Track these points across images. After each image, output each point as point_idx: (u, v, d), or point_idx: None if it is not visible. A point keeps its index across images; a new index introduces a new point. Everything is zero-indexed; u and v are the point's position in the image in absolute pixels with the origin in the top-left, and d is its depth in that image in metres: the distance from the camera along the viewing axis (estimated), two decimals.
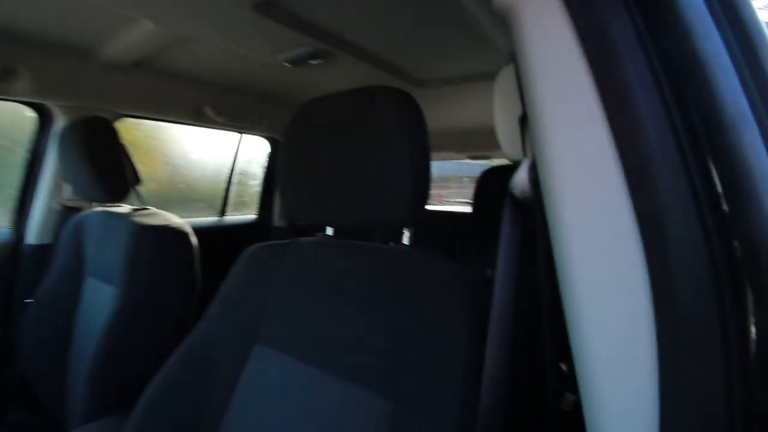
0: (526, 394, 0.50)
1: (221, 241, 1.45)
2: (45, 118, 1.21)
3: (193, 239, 0.92)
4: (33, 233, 1.22)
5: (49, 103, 1.16)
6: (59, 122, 1.19)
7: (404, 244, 0.55)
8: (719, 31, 0.24)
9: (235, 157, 1.77)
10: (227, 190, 1.80)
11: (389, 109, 0.49)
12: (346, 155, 0.53)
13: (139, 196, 0.98)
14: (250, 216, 1.95)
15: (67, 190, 1.24)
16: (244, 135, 1.78)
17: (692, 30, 0.23)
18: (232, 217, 1.88)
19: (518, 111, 0.32)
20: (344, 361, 0.51)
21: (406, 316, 0.47)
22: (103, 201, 0.96)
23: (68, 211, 1.23)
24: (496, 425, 0.34)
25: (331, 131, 0.54)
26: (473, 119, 1.69)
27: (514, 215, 0.33)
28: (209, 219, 1.79)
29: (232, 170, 1.79)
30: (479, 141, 1.90)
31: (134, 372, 0.77)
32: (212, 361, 0.61)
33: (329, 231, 0.65)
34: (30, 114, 1.19)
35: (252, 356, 0.60)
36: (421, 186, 0.49)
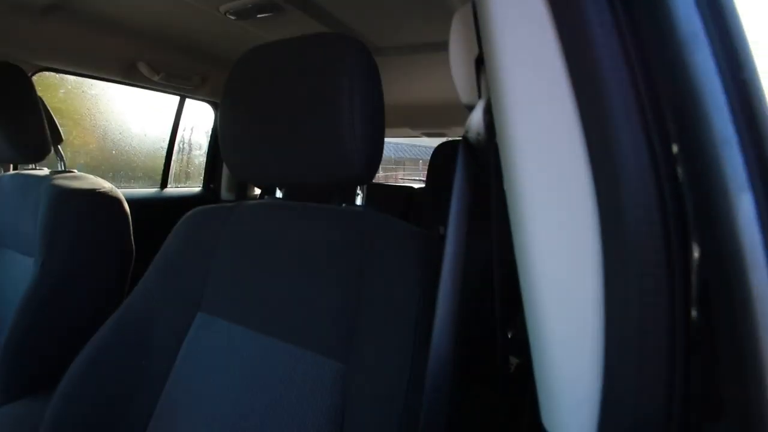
0: (473, 357, 0.51)
1: (162, 214, 1.34)
2: None
3: (125, 206, 0.84)
4: None
5: None
6: None
7: (357, 205, 0.53)
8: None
9: (176, 122, 1.63)
10: (168, 159, 1.66)
11: (342, 57, 0.46)
12: (293, 107, 0.49)
13: (60, 157, 0.87)
14: (195, 189, 1.83)
15: None
16: (186, 100, 1.64)
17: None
18: (175, 190, 1.75)
19: (475, 53, 0.31)
20: (294, 326, 0.49)
21: (359, 277, 0.46)
22: (17, 162, 0.84)
23: None
24: (445, 384, 0.34)
25: (277, 81, 0.50)
26: (428, 93, 1.67)
27: (467, 160, 0.32)
28: (148, 191, 1.65)
29: (172, 137, 1.65)
30: (435, 117, 1.90)
31: (57, 349, 0.70)
32: (147, 331, 0.56)
33: (278, 194, 0.62)
34: None
35: (193, 325, 0.56)
36: (376, 140, 0.47)
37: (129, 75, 1.26)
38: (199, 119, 1.81)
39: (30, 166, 0.96)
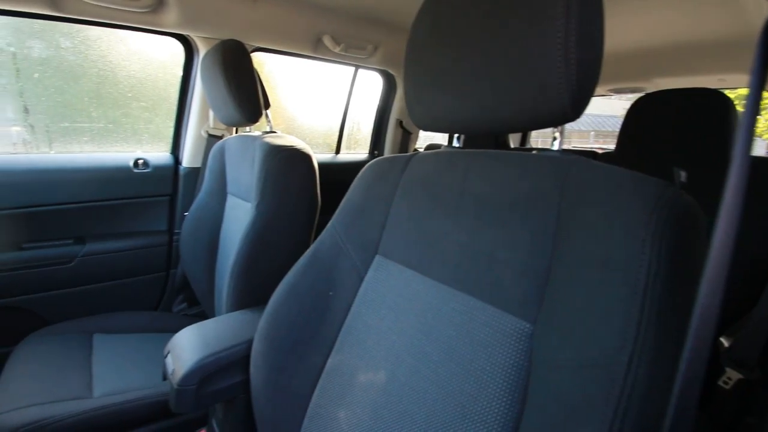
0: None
1: (336, 176, 1.51)
2: (190, 52, 1.34)
3: (315, 163, 0.95)
4: (186, 158, 1.42)
5: (192, 36, 1.27)
6: (201, 54, 1.31)
7: (554, 150, 0.46)
8: None
9: (350, 92, 1.78)
10: (342, 127, 1.84)
11: None
12: (486, 42, 0.44)
13: (268, 120, 1.04)
14: (362, 155, 1.98)
15: (210, 122, 1.40)
16: (358, 71, 1.77)
17: None
18: (345, 155, 1.93)
19: None
20: (474, 278, 0.46)
21: (557, 231, 0.40)
22: (239, 124, 1.04)
23: (211, 139, 1.39)
24: (700, 375, 0.26)
25: (468, 16, 0.46)
26: (625, 37, 1.37)
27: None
28: (325, 155, 1.87)
29: (346, 107, 1.81)
30: (632, 67, 1.56)
31: (268, 273, 0.86)
32: (334, 266, 0.62)
33: (455, 143, 0.59)
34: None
35: (372, 266, 0.60)
36: (593, 67, 0.38)
37: (316, 49, 1.42)
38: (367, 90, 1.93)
39: (247, 129, 1.19)
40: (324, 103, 2.01)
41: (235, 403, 0.70)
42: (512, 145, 2.37)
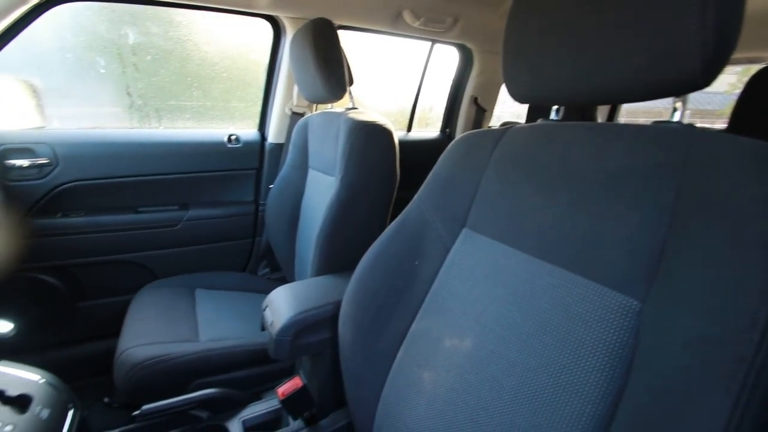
0: None
1: (407, 154, 1.52)
2: (277, 32, 1.42)
3: (395, 139, 0.97)
4: (271, 134, 1.52)
5: (281, 16, 1.34)
6: (289, 35, 1.38)
7: (674, 122, 0.43)
8: None
9: (424, 69, 1.76)
10: (414, 105, 1.84)
11: None
12: (602, 1, 0.42)
13: (351, 97, 1.08)
14: (433, 133, 1.97)
15: (293, 100, 1.47)
16: (434, 46, 1.74)
17: None
18: (416, 133, 1.93)
19: None
20: (571, 252, 0.46)
21: (676, 206, 0.38)
22: (325, 100, 1.09)
23: (295, 116, 1.47)
24: None
25: None
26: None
27: None
28: (398, 132, 1.88)
29: (420, 84, 1.80)
30: (748, 34, 1.36)
31: (350, 242, 0.91)
32: (420, 237, 0.65)
33: (553, 116, 0.57)
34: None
35: (458, 239, 0.61)
36: (733, 25, 0.35)
37: (395, 25, 1.42)
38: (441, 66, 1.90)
39: (329, 106, 1.24)
40: (396, 82, 2.02)
41: (322, 357, 0.76)
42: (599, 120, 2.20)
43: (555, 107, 0.58)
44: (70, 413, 0.74)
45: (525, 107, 2.53)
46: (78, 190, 1.25)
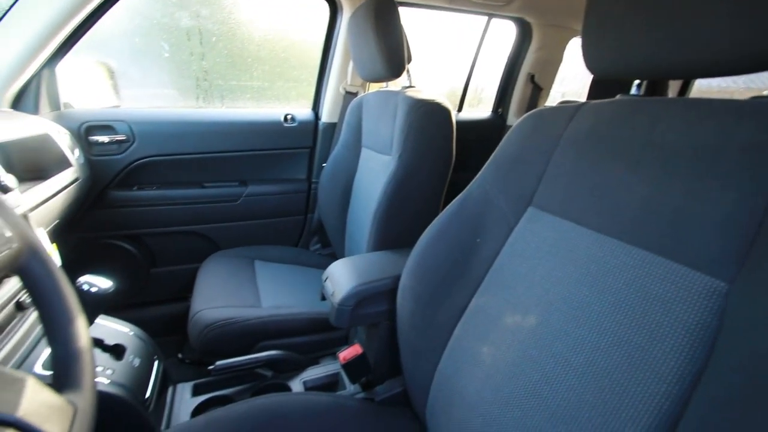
0: None
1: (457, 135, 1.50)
2: (334, 11, 1.43)
3: (453, 117, 0.97)
4: (325, 114, 1.56)
5: None
6: (346, 13, 1.38)
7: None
8: None
9: (479, 46, 1.71)
10: (467, 84, 1.80)
11: None
12: None
13: (409, 75, 1.08)
14: (485, 113, 1.92)
15: (347, 79, 1.49)
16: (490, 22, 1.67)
17: None
18: (467, 114, 1.89)
19: None
20: (651, 231, 0.44)
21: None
22: (383, 78, 1.09)
23: (348, 96, 1.49)
24: None
25: None
26: None
27: None
28: None
29: (474, 62, 1.75)
30: None
31: (407, 218, 0.93)
32: (483, 216, 0.65)
33: (634, 91, 0.54)
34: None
35: (523, 218, 0.61)
36: None
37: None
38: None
39: (384, 85, 1.24)
40: (445, 61, 1.97)
41: (379, 328, 0.80)
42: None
43: (636, 82, 0.55)
44: (156, 363, 0.84)
45: (577, 88, 2.39)
46: (151, 165, 1.36)
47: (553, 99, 2.37)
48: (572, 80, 2.47)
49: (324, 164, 1.45)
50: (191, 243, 1.48)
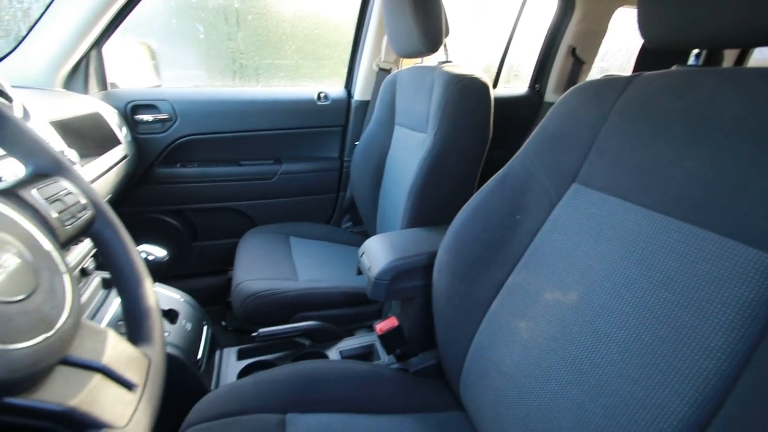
0: None
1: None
2: None
3: (492, 93, 0.94)
4: (357, 91, 1.55)
5: None
6: None
7: None
8: None
9: (518, 18, 1.64)
10: (503, 59, 1.74)
11: None
12: None
13: (446, 49, 1.05)
14: (521, 90, 1.86)
15: (381, 55, 1.47)
16: None
17: None
18: (502, 90, 1.84)
19: None
20: (706, 207, 0.43)
21: None
22: (419, 54, 1.07)
23: (381, 73, 1.48)
24: None
25: None
26: None
27: None
28: None
29: (511, 35, 1.68)
30: None
31: (441, 196, 0.93)
32: (523, 192, 0.64)
33: (692, 61, 0.52)
34: None
35: (567, 194, 0.60)
36: None
37: None
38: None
39: (419, 61, 1.23)
40: (482, 37, 1.91)
41: (414, 302, 0.82)
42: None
43: (695, 52, 0.52)
44: (205, 328, 0.90)
45: (620, 62, 2.26)
46: (192, 143, 1.41)
47: (592, 75, 2.26)
48: (615, 54, 2.33)
49: (356, 143, 1.46)
50: (229, 219, 1.54)
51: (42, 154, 0.41)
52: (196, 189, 1.45)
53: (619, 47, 2.26)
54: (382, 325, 0.75)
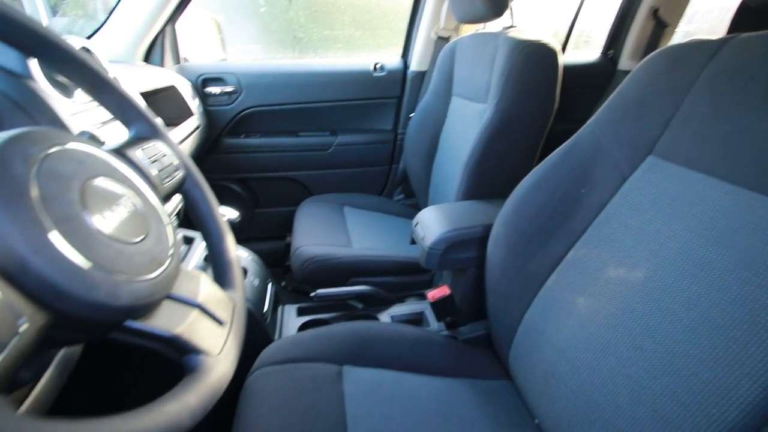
0: None
1: None
2: None
3: (560, 59, 0.89)
4: (414, 62, 1.53)
5: None
6: None
7: None
8: None
9: None
10: (573, 23, 1.61)
11: None
12: None
13: (512, 13, 1.00)
14: (591, 57, 1.72)
15: (441, 22, 1.43)
16: None
17: None
18: (571, 57, 1.71)
19: None
20: None
21: None
22: (483, 19, 1.03)
23: (440, 42, 1.44)
24: None
25: None
26: None
27: None
28: None
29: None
30: None
31: (501, 169, 0.92)
32: (591, 165, 0.62)
33: None
34: None
35: (641, 167, 0.56)
36: None
37: None
38: None
39: (480, 27, 1.18)
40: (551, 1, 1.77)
41: (466, 274, 0.83)
42: None
43: None
44: (269, 285, 0.97)
45: (709, 26, 1.99)
46: (255, 115, 1.48)
47: (675, 40, 2.02)
48: (704, 16, 2.06)
49: (411, 114, 1.45)
50: (288, 188, 1.62)
51: (143, 120, 0.47)
52: (258, 159, 1.54)
53: (710, 7, 2.00)
54: (434, 293, 0.77)
